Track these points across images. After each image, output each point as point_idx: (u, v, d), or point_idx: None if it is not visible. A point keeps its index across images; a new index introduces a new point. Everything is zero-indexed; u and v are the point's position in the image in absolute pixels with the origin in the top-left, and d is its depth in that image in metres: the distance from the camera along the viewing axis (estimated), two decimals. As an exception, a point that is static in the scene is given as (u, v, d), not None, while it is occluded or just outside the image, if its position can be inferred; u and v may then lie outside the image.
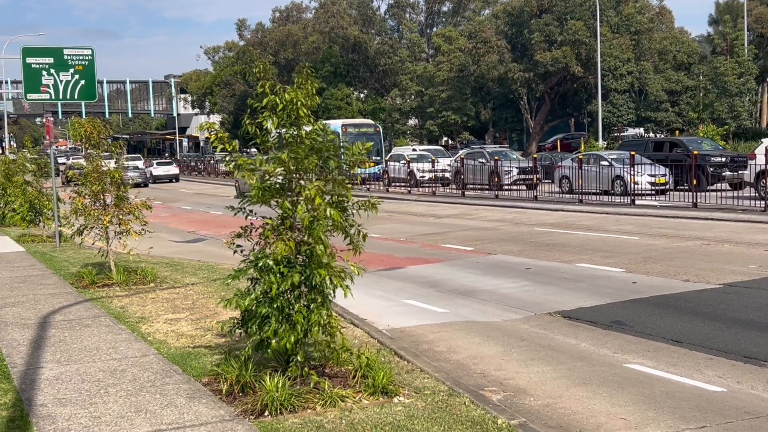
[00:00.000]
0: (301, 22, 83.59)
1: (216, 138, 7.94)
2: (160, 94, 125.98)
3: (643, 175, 28.70)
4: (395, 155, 44.90)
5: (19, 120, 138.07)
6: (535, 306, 12.05)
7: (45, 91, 22.13)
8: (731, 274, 13.69)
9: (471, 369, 9.00)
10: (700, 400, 7.70)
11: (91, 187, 14.43)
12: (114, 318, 11.33)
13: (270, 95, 7.76)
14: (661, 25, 63.55)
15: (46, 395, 7.71)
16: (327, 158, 7.87)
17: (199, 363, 8.76)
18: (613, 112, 56.45)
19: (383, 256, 17.36)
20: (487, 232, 21.89)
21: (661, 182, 28.71)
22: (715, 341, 9.67)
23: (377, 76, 75.20)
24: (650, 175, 28.89)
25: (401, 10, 77.18)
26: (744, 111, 53.15)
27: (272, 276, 7.45)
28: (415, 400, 7.43)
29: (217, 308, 11.68)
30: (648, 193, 28.47)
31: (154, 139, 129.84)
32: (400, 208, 30.72)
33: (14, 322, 11.24)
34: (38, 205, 23.31)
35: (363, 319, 11.15)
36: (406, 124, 73.03)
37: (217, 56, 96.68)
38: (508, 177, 35.68)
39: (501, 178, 35.02)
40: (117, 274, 14.43)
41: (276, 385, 7.16)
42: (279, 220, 7.77)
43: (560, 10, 58.32)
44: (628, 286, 13.11)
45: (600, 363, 9.03)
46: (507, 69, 58.97)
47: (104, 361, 8.95)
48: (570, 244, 18.40)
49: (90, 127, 15.19)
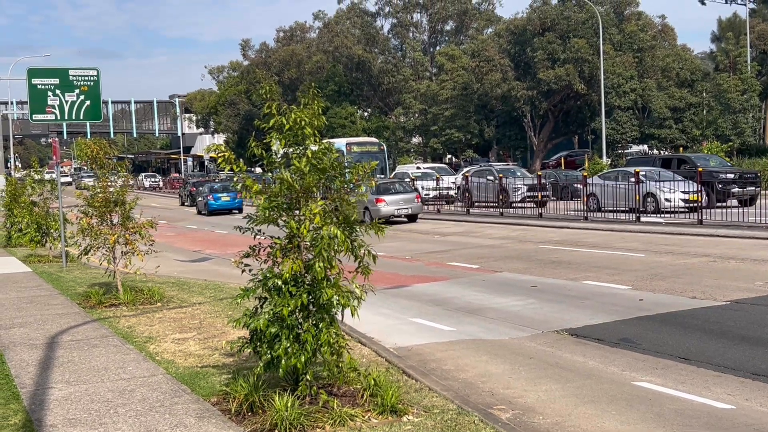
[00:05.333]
0: (304, 42, 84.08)
1: (224, 159, 7.98)
2: (165, 114, 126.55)
3: (676, 191, 27.26)
4: (400, 173, 44.94)
5: (25, 141, 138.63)
6: (542, 324, 12.04)
7: (51, 112, 22.24)
8: (738, 291, 13.68)
9: (479, 387, 9.00)
10: (709, 417, 7.68)
11: (98, 207, 14.48)
12: (122, 338, 11.35)
13: (276, 116, 7.82)
14: (663, 42, 63.76)
15: (56, 416, 7.72)
16: (332, 177, 7.92)
17: (207, 382, 8.77)
18: (617, 129, 56.53)
19: (389, 274, 17.37)
20: (493, 249, 21.90)
21: (695, 199, 26.72)
22: (723, 358, 9.65)
23: (381, 94, 75.47)
24: (683, 192, 27.40)
25: (404, 29, 77.59)
26: (748, 127, 53.21)
27: (282, 296, 7.48)
28: (425, 419, 7.43)
29: (224, 328, 11.70)
30: (681, 210, 27.08)
31: (159, 158, 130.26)
32: (405, 226, 30.76)
33: (23, 342, 11.26)
34: (45, 226, 23.36)
35: (370, 337, 11.16)
36: (409, 142, 73.18)
37: (221, 76, 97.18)
38: (517, 194, 35.27)
39: (510, 196, 34.65)
40: (124, 294, 14.46)
41: (285, 404, 7.17)
42: (287, 239, 7.81)
43: (563, 29, 58.56)
44: (634, 304, 13.10)
45: (608, 381, 9.02)
46: (510, 87, 59.16)
47: (113, 381, 8.96)
48: (576, 262, 18.40)
49: (96, 147, 15.28)
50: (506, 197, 34.70)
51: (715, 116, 55.64)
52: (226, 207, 46.04)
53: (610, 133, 55.44)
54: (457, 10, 75.48)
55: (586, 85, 57.63)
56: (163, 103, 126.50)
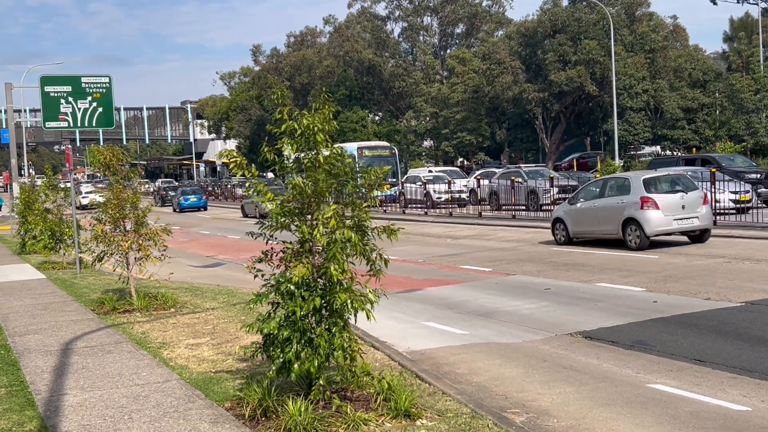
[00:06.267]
0: (315, 47, 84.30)
1: (236, 165, 8.01)
2: (177, 120, 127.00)
3: (725, 192, 25.39)
4: (411, 177, 44.90)
5: (38, 148, 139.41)
6: (556, 326, 12.00)
7: (63, 119, 22.39)
8: (753, 292, 13.59)
9: (493, 391, 8.97)
10: (725, 419, 7.64)
11: (112, 214, 14.54)
12: (136, 344, 11.39)
13: (288, 121, 7.84)
14: (675, 42, 63.60)
15: (71, 422, 7.75)
16: (344, 182, 7.93)
17: (221, 388, 8.78)
18: (629, 131, 56.33)
19: (402, 278, 17.36)
20: (505, 252, 21.85)
21: (745, 199, 25.38)
22: (738, 360, 9.60)
23: (392, 98, 75.53)
24: (732, 192, 25.83)
25: (415, 33, 77.68)
26: (761, 127, 52.86)
27: (294, 300, 7.49)
28: (438, 422, 7.42)
29: (237, 333, 11.72)
30: (730, 212, 25.52)
31: (171, 164, 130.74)
32: (417, 230, 30.71)
33: (37, 349, 11.32)
34: (59, 233, 23.48)
35: (383, 341, 11.15)
36: (421, 146, 73.23)
37: (232, 81, 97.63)
38: (547, 196, 33.45)
39: (540, 198, 33.57)
40: (138, 300, 14.51)
41: (299, 409, 7.17)
42: (299, 244, 7.82)
43: (574, 30, 58.44)
44: (648, 306, 13.05)
45: (623, 383, 8.98)
46: (521, 89, 59.09)
47: (127, 386, 9.00)
48: (589, 264, 18.34)
49: (109, 154, 15.35)
50: (535, 199, 33.66)
51: (728, 116, 55.37)
52: (194, 206, 58.48)
53: (622, 135, 55.25)
54: (468, 13, 75.51)
55: (597, 86, 57.48)
56: (175, 110, 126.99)
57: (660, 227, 20.00)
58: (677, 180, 21.51)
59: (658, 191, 20.36)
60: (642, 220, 19.91)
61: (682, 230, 20.53)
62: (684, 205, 20.18)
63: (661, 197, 20.13)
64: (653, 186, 20.55)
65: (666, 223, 19.97)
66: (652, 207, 19.87)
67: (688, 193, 20.55)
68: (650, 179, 20.95)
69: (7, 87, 39.38)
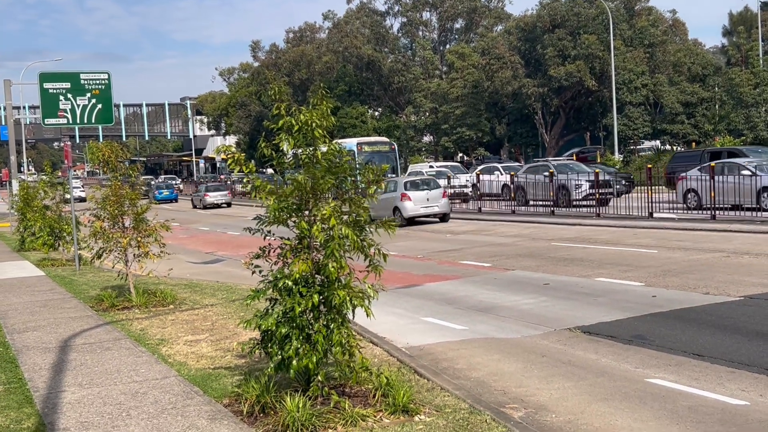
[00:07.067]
0: (314, 42, 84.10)
1: (233, 161, 8.00)
2: (176, 116, 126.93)
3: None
4: (413, 172, 44.82)
5: (37, 145, 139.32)
6: (555, 321, 12.00)
7: (62, 116, 22.38)
8: (752, 287, 13.59)
9: (491, 386, 8.97)
10: (724, 413, 7.64)
11: (110, 210, 14.52)
12: (134, 340, 11.39)
13: (285, 117, 7.82)
14: (674, 37, 63.50)
15: (69, 419, 7.75)
16: (343, 179, 7.91)
17: (219, 384, 8.78)
18: (629, 125, 56.30)
19: (401, 273, 17.36)
20: (505, 247, 21.85)
21: None
22: (737, 354, 9.60)
23: (391, 93, 75.43)
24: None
25: (414, 28, 77.52)
26: (761, 122, 52.75)
27: (293, 296, 7.48)
28: (436, 418, 7.42)
29: (236, 329, 11.71)
30: None
31: (171, 161, 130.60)
32: (417, 225, 30.71)
33: (36, 346, 11.32)
34: (58, 229, 23.46)
35: (382, 337, 11.15)
36: (421, 141, 73.16)
37: (231, 77, 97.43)
38: (579, 192, 32.20)
39: (571, 193, 32.32)
40: (137, 297, 14.51)
41: (297, 405, 7.17)
42: (296, 240, 7.81)
43: (573, 25, 58.38)
44: (647, 300, 13.04)
45: (621, 378, 8.98)
46: (521, 84, 59.04)
47: (125, 383, 8.99)
48: (588, 259, 18.34)
49: (108, 150, 15.34)
50: (566, 195, 32.43)
51: (727, 111, 55.31)
52: (167, 198, 69.78)
53: (621, 129, 55.23)
54: (467, 8, 75.34)
55: (597, 81, 57.43)
56: (174, 106, 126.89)
57: (412, 212, 30.61)
58: (426, 182, 32.06)
59: (411, 189, 30.81)
60: (401, 207, 30.44)
61: (427, 214, 31.14)
62: (428, 198, 30.86)
63: (413, 193, 30.73)
64: (409, 186, 30.98)
65: (416, 209, 30.69)
66: (407, 200, 30.53)
67: (431, 191, 31.08)
68: (407, 182, 31.56)
69: (6, 84, 39.33)
